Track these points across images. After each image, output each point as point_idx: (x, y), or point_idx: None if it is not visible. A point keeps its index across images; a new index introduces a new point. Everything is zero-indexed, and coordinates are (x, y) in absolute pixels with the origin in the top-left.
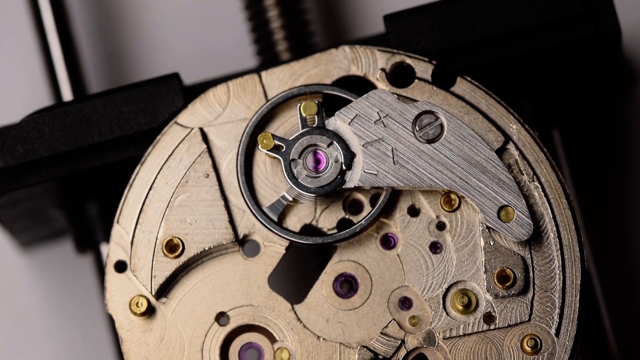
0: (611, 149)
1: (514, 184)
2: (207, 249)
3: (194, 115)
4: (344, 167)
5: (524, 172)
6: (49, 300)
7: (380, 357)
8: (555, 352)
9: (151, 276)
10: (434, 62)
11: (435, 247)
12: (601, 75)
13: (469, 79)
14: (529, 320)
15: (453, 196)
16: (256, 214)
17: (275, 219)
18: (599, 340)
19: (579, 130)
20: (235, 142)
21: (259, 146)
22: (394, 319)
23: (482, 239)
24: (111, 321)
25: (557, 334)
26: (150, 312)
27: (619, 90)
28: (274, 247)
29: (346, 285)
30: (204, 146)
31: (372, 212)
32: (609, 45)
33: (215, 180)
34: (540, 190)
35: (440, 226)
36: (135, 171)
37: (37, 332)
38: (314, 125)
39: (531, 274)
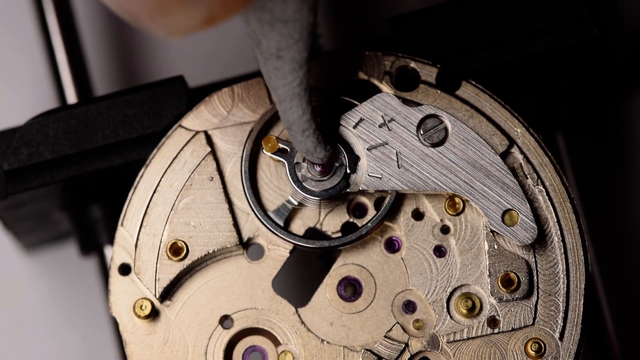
0: (615, 152)
1: (518, 187)
2: (211, 252)
3: (198, 118)
4: (348, 171)
5: (528, 176)
6: (53, 302)
7: None
8: (559, 356)
9: (155, 279)
10: (438, 65)
11: (439, 251)
12: (605, 79)
13: (473, 82)
14: (533, 324)
15: (457, 200)
16: (261, 218)
17: (281, 223)
18: (602, 344)
19: (583, 133)
20: (239, 145)
21: (264, 149)
22: (397, 323)
23: (486, 242)
24: (115, 324)
25: (561, 337)
26: (154, 315)
27: (623, 93)
28: (278, 251)
29: (350, 289)
30: (209, 149)
31: (377, 215)
32: (613, 49)
33: (220, 183)
34: (545, 194)
35: (445, 230)
36: (140, 174)
37: (41, 335)
38: None
39: (535, 277)
